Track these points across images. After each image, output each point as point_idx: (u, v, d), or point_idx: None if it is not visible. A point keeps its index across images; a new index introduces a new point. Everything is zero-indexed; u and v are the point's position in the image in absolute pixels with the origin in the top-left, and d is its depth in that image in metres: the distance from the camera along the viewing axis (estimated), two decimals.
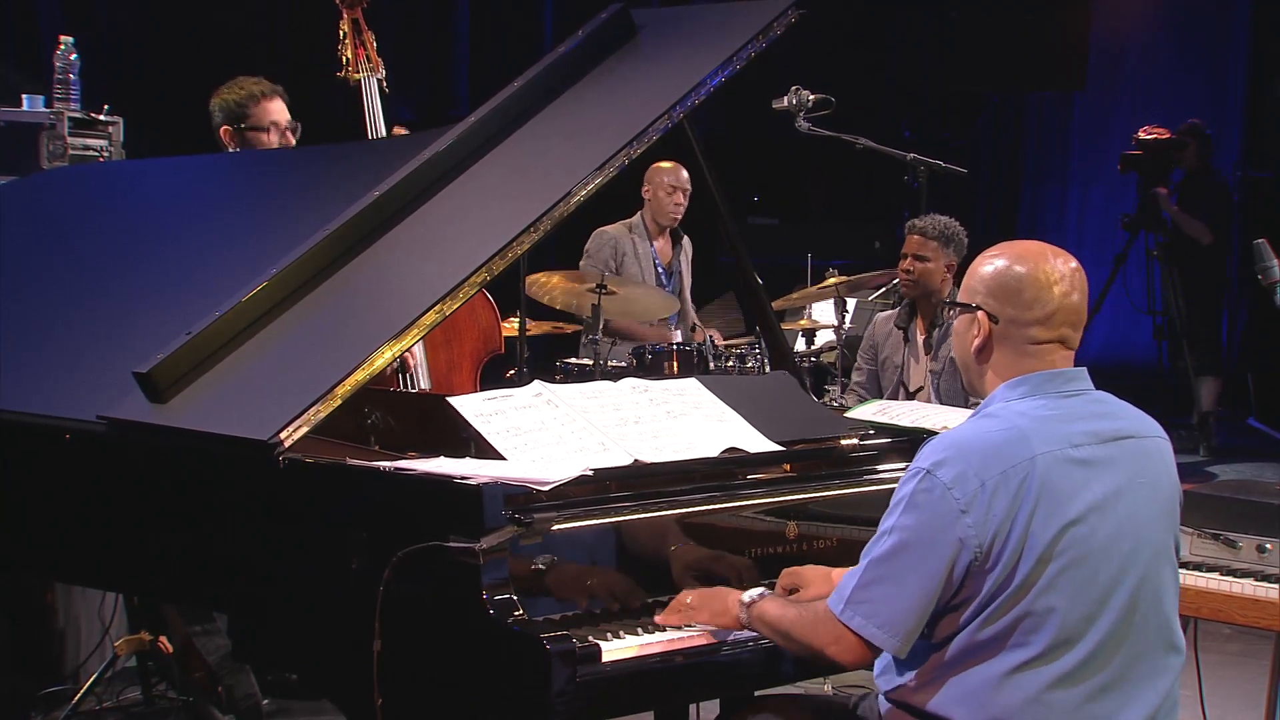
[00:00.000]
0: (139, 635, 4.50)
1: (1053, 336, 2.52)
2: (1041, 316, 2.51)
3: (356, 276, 3.18)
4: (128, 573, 3.33)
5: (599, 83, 3.51)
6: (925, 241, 5.37)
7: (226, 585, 3.06)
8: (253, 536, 2.97)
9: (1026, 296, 2.51)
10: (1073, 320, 2.53)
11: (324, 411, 2.84)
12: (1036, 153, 12.60)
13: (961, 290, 2.63)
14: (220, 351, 3.09)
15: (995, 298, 2.54)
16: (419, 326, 2.98)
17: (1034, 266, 2.52)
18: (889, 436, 3.44)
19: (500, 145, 3.41)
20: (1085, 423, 2.48)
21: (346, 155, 3.93)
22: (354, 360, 2.90)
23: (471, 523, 2.58)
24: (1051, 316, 2.51)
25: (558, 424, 3.02)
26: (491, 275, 3.07)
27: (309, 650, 2.89)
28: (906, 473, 2.45)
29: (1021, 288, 2.51)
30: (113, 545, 3.27)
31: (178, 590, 3.35)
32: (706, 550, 2.96)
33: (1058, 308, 2.51)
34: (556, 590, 2.72)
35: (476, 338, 4.60)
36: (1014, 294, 2.52)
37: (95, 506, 3.28)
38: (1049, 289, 2.50)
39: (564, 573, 2.73)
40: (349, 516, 2.80)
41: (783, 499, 3.10)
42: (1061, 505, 2.39)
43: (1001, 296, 2.53)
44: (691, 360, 5.38)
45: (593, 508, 2.79)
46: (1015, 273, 2.52)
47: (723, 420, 3.24)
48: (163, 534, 3.15)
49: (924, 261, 5.37)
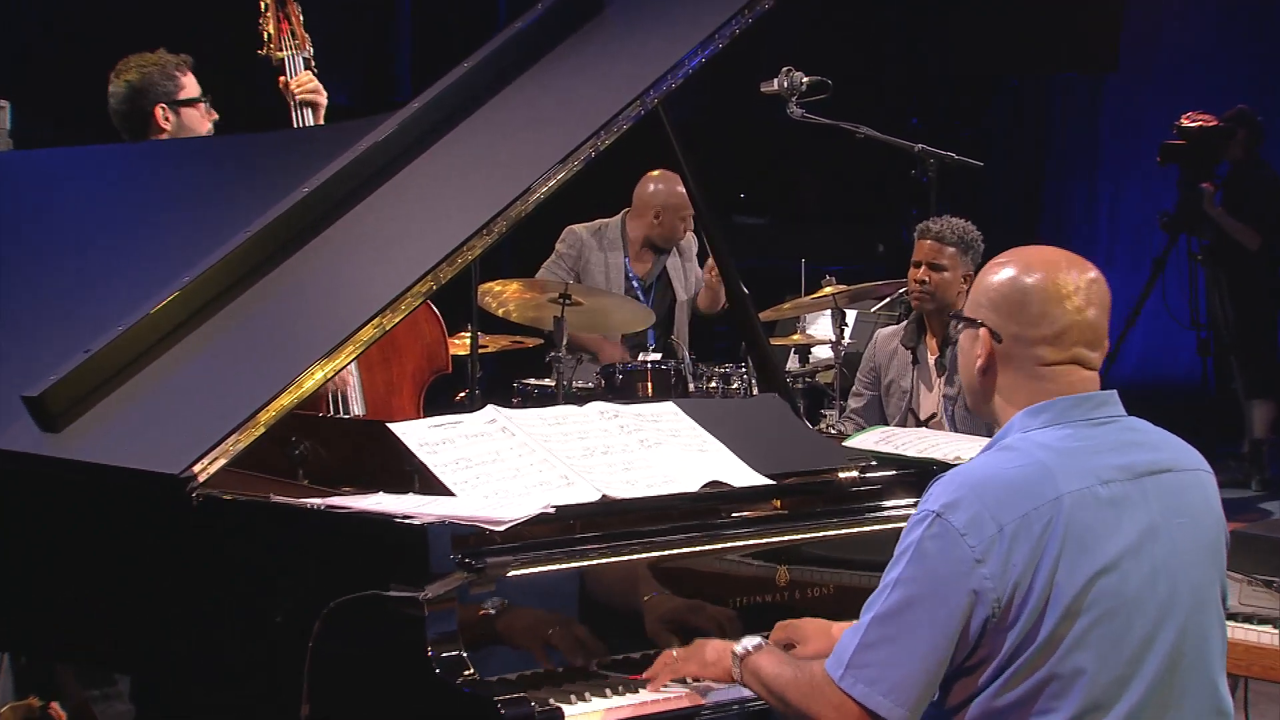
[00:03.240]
0: (27, 701, 4.47)
1: (1064, 357, 2.52)
2: (1050, 334, 2.51)
3: (282, 286, 3.18)
4: (14, 628, 3.31)
5: (562, 64, 3.52)
6: (941, 248, 5.38)
7: (129, 642, 3.04)
8: (160, 586, 2.96)
9: (1033, 311, 2.51)
10: (1088, 339, 2.53)
11: (244, 441, 2.84)
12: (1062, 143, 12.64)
13: (967, 302, 2.64)
14: (124, 372, 3.09)
15: (999, 312, 2.54)
16: (354, 343, 2.98)
17: (1044, 277, 2.52)
18: (894, 468, 3.44)
19: (448, 135, 3.41)
20: (1116, 455, 2.49)
21: (270, 146, 3.93)
22: (279, 382, 2.90)
23: (414, 568, 2.58)
24: (1062, 335, 2.51)
25: (514, 455, 3.02)
26: (438, 284, 3.08)
27: (225, 717, 2.88)
28: (913, 516, 2.46)
29: (1027, 301, 2.52)
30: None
31: (72, 648, 3.32)
32: (685, 600, 2.97)
33: (1069, 325, 2.51)
34: (513, 645, 2.72)
35: (420, 355, 4.59)
36: (1019, 308, 2.52)
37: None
38: (1059, 303, 2.51)
39: (521, 625, 2.73)
40: (273, 562, 2.79)
41: (772, 540, 3.10)
42: (1090, 551, 2.40)
43: (1005, 310, 2.54)
44: (668, 381, 5.38)
45: (554, 551, 2.79)
46: (1022, 284, 2.53)
47: (704, 450, 3.24)
48: (55, 583, 3.14)
49: (940, 271, 5.37)
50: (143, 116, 4.60)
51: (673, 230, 6.72)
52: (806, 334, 7.13)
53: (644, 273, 6.83)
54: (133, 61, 4.64)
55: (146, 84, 4.59)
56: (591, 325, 6.27)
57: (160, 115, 4.58)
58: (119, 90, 4.63)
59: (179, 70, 4.62)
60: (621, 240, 6.75)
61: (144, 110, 4.60)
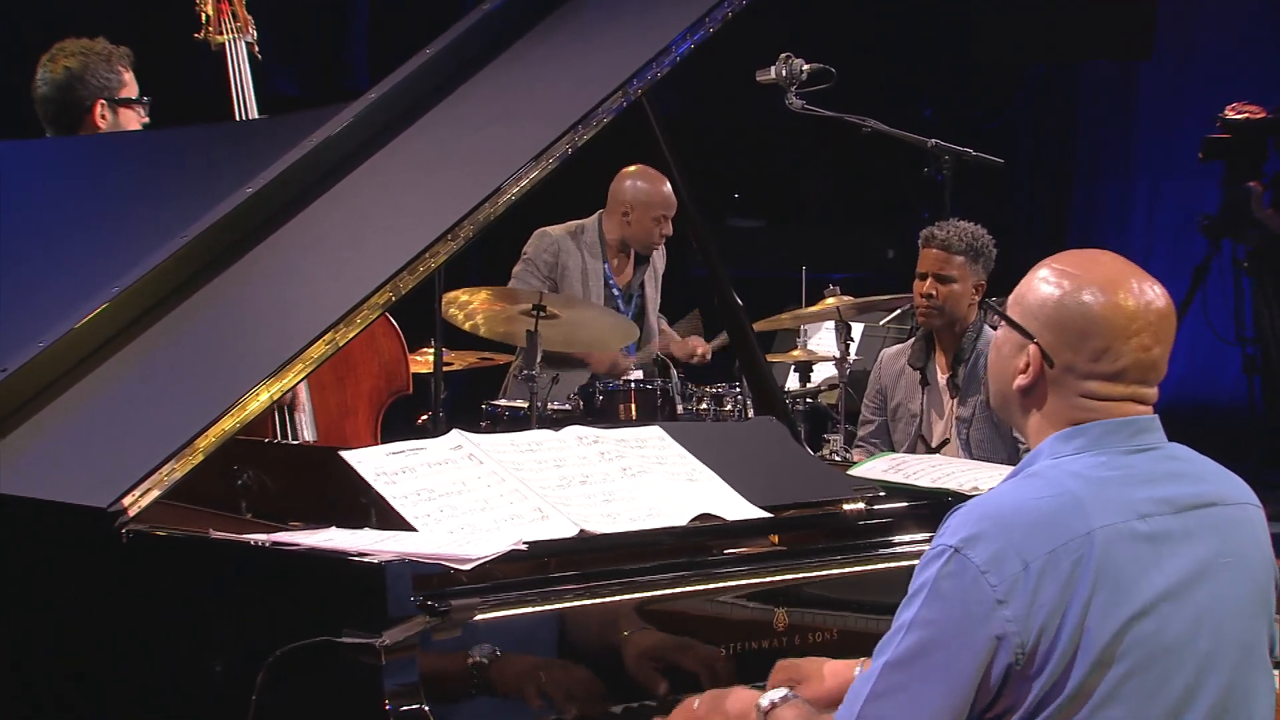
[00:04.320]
0: None
1: (1116, 394, 2.51)
2: (1108, 371, 2.50)
3: (223, 297, 3.18)
4: None
5: (535, 50, 3.53)
6: (949, 257, 5.39)
7: (48, 695, 3.02)
8: (85, 631, 2.95)
9: (1093, 345, 2.50)
10: (1148, 378, 2.52)
11: (180, 471, 2.84)
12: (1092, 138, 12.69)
13: (1013, 301, 2.61)
14: (44, 394, 3.08)
15: (1055, 332, 2.52)
16: (304, 361, 2.98)
17: (1111, 304, 2.50)
18: (904, 499, 3.45)
19: (409, 129, 3.42)
20: (1155, 486, 2.49)
21: (210, 141, 3.93)
22: (219, 404, 2.89)
23: (371, 612, 2.57)
24: (1120, 373, 2.50)
25: (482, 485, 3.02)
26: (398, 295, 3.08)
27: None
28: (929, 551, 2.45)
29: (1090, 331, 2.50)
30: None
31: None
32: (672, 645, 2.96)
33: (1130, 364, 2.50)
34: (481, 697, 2.71)
35: (378, 374, 4.60)
36: (1079, 337, 2.50)
37: None
38: (1124, 339, 2.49)
39: (491, 675, 2.72)
40: (212, 605, 2.79)
41: (769, 580, 3.10)
42: (1125, 593, 2.39)
43: (1062, 335, 2.52)
44: (654, 402, 5.40)
45: (528, 592, 2.78)
46: (1087, 309, 2.50)
47: (693, 479, 3.24)
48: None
49: (948, 283, 5.39)
50: (78, 109, 4.56)
51: (645, 233, 6.72)
52: (807, 350, 7.15)
53: (624, 282, 6.83)
54: (73, 46, 4.59)
55: (88, 73, 4.55)
56: (568, 341, 6.27)
57: (98, 112, 4.55)
58: (55, 76, 4.56)
59: (122, 65, 4.59)
60: (600, 244, 6.75)
61: (81, 103, 4.56)
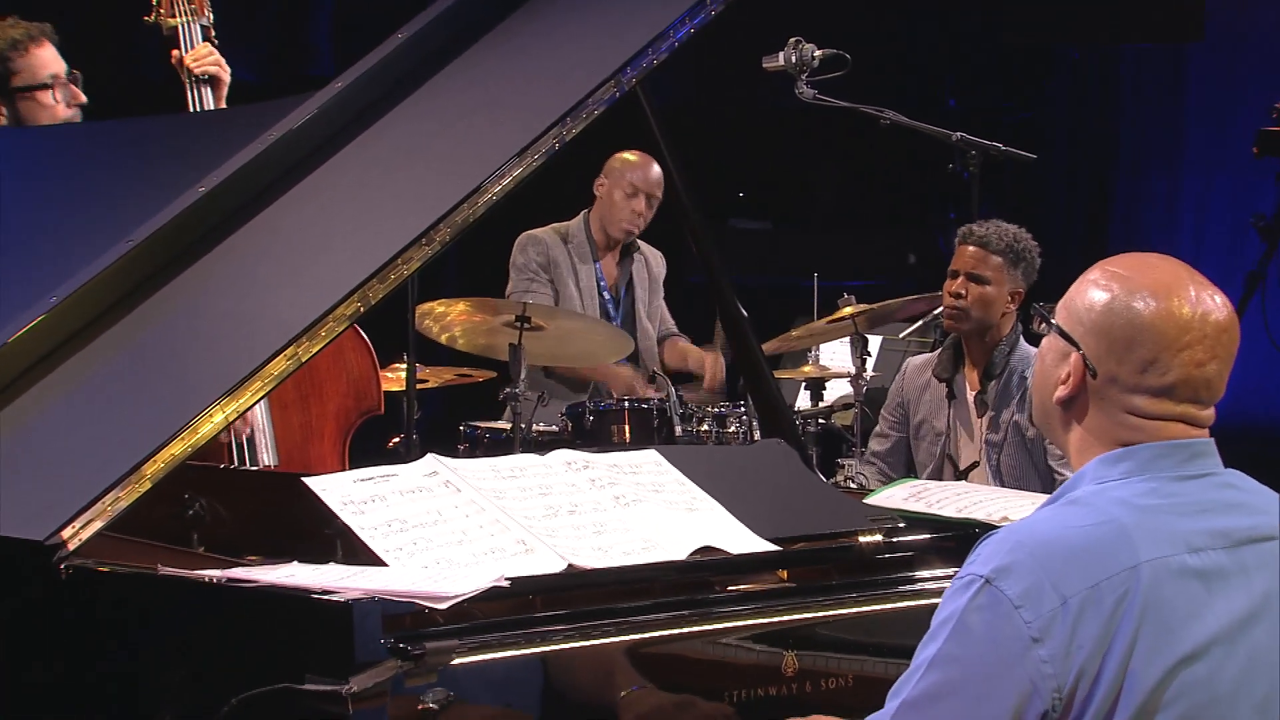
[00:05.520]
0: None
1: (1165, 412, 2.50)
2: (1155, 386, 2.49)
3: (174, 308, 3.19)
4: None
5: (520, 35, 3.54)
6: (986, 256, 5.41)
7: None
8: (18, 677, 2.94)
9: (1140, 354, 2.49)
10: (1201, 396, 2.51)
11: (126, 500, 2.84)
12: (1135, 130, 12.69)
13: (1062, 306, 2.60)
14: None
15: (1098, 339, 2.52)
16: (263, 378, 2.99)
17: (1162, 311, 2.49)
18: (927, 531, 3.46)
19: (380, 122, 3.43)
20: (1209, 517, 2.48)
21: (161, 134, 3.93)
22: (170, 427, 2.90)
23: (336, 655, 2.57)
24: (1169, 390, 2.49)
25: (460, 515, 3.02)
26: (368, 305, 3.08)
27: None
28: (956, 581, 2.45)
29: (1136, 340, 2.49)
30: None
31: None
32: (670, 694, 2.96)
33: (1180, 380, 2.49)
34: None
35: (345, 393, 4.61)
36: (1124, 345, 2.50)
37: None
38: (1175, 351, 2.48)
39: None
40: (161, 649, 2.78)
41: (777, 620, 3.10)
42: (1173, 634, 2.39)
43: (1107, 342, 2.51)
44: (650, 423, 5.39)
45: (510, 634, 2.78)
46: (1135, 316, 2.50)
47: (693, 509, 3.25)
48: None
49: (982, 284, 5.40)
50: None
51: (614, 208, 6.73)
52: (820, 366, 7.15)
53: (613, 281, 6.84)
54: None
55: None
56: (554, 354, 6.27)
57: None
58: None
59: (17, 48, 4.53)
60: (589, 244, 6.77)
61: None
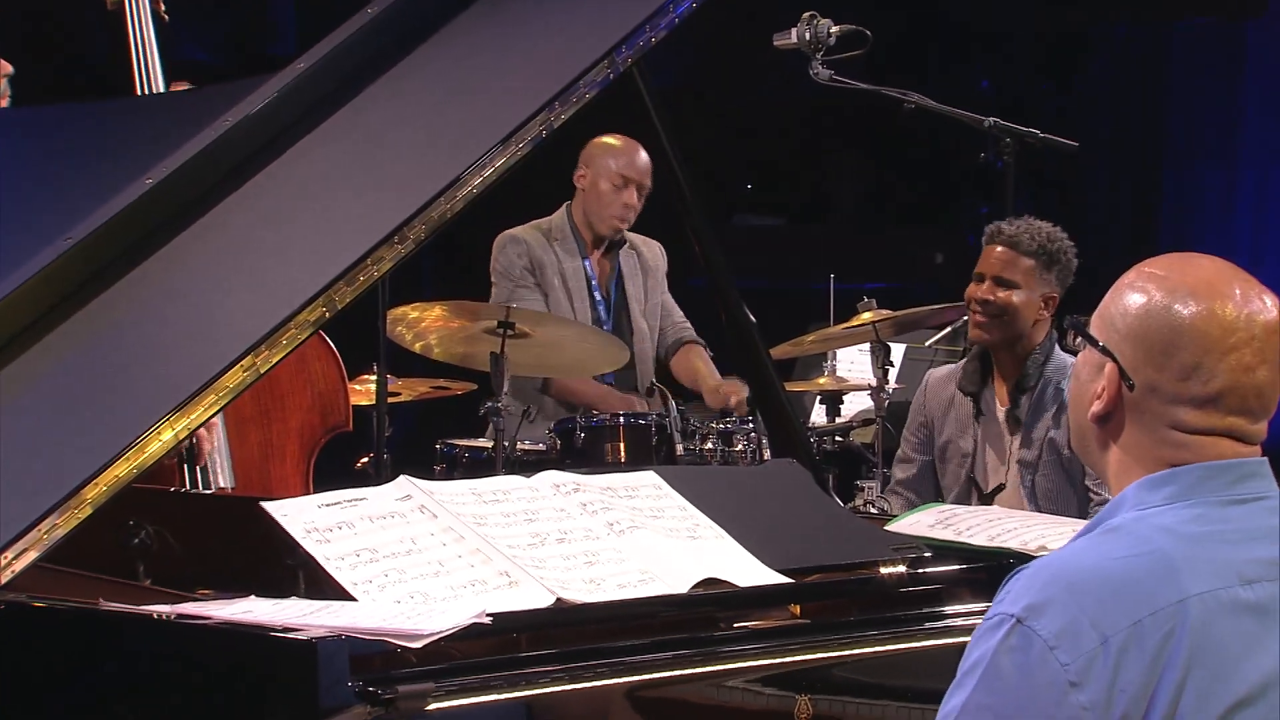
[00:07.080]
0: None
1: (1211, 425, 2.49)
2: (1199, 395, 2.48)
3: (118, 313, 3.19)
4: None
5: (504, 10, 3.54)
6: (1015, 258, 5.41)
7: None
8: None
9: (1181, 360, 2.48)
10: (1251, 407, 2.49)
11: (64, 527, 2.85)
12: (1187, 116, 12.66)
13: (1096, 315, 2.59)
14: None
15: (1134, 345, 2.51)
16: (217, 391, 3.00)
17: (1205, 310, 2.48)
18: (957, 561, 3.47)
19: (347, 107, 3.43)
20: (1262, 545, 2.48)
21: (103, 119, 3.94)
22: (113, 446, 2.91)
23: (299, 700, 2.58)
24: (1215, 399, 2.48)
25: (437, 543, 3.03)
26: (333, 311, 3.09)
27: None
28: (985, 621, 2.46)
29: (1176, 343, 2.48)
30: None
31: None
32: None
33: (1227, 387, 2.47)
34: None
35: (309, 407, 4.61)
36: (1163, 350, 2.49)
37: None
38: (1220, 355, 2.47)
39: None
40: (102, 693, 2.79)
41: (789, 660, 3.10)
42: (1226, 675, 2.39)
43: (1144, 347, 2.50)
44: (648, 440, 5.38)
45: (492, 676, 2.78)
46: (1174, 316, 2.49)
47: (696, 537, 3.26)
48: None
49: (1010, 288, 5.40)
50: None
51: (599, 199, 6.65)
52: (837, 377, 7.14)
53: (602, 277, 6.78)
54: None
55: None
56: (540, 364, 6.24)
57: None
58: None
59: None
60: (575, 238, 6.71)
61: None
